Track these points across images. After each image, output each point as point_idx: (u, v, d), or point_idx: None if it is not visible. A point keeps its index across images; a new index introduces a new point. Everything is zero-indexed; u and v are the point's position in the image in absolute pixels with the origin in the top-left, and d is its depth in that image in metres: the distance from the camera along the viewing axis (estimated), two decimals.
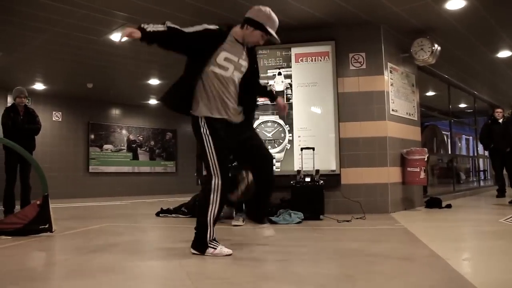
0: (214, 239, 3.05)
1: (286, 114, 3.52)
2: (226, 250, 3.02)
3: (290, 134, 6.21)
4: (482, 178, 13.94)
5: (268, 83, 5.94)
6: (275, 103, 3.59)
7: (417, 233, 4.07)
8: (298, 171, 5.73)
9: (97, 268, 2.77)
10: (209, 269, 2.69)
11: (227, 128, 3.11)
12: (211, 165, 3.01)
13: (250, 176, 3.17)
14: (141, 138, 13.41)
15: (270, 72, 6.34)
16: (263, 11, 3.09)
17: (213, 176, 3.00)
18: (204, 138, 3.04)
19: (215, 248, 3.00)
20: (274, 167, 4.69)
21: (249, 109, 3.30)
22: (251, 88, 3.31)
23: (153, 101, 12.74)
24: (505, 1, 5.77)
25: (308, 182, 5.52)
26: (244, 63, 3.19)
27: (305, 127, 6.22)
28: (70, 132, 11.89)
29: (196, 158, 5.77)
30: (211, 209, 3.00)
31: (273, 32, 3.08)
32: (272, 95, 3.58)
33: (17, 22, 6.12)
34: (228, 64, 3.10)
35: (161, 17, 5.95)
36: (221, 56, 3.07)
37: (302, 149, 5.86)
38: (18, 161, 5.92)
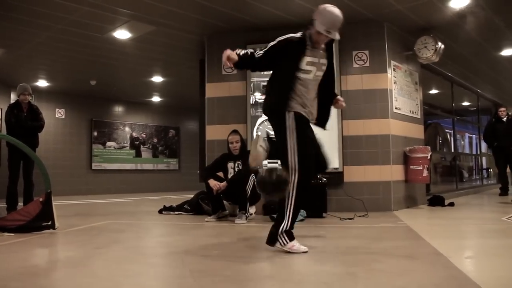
0: None
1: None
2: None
3: None
4: (485, 176, 13.90)
5: None
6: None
7: (419, 231, 4.06)
8: None
9: (100, 265, 2.77)
10: (211, 267, 2.70)
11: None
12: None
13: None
14: (144, 135, 13.42)
15: None
16: (318, 9, 3.02)
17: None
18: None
19: None
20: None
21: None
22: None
23: (156, 98, 12.75)
24: None
25: None
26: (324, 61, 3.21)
27: None
28: (73, 129, 11.91)
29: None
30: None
31: (323, 31, 2.96)
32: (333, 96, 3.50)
33: (20, 19, 6.13)
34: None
35: (164, 15, 5.98)
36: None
37: None
38: (22, 158, 5.95)
